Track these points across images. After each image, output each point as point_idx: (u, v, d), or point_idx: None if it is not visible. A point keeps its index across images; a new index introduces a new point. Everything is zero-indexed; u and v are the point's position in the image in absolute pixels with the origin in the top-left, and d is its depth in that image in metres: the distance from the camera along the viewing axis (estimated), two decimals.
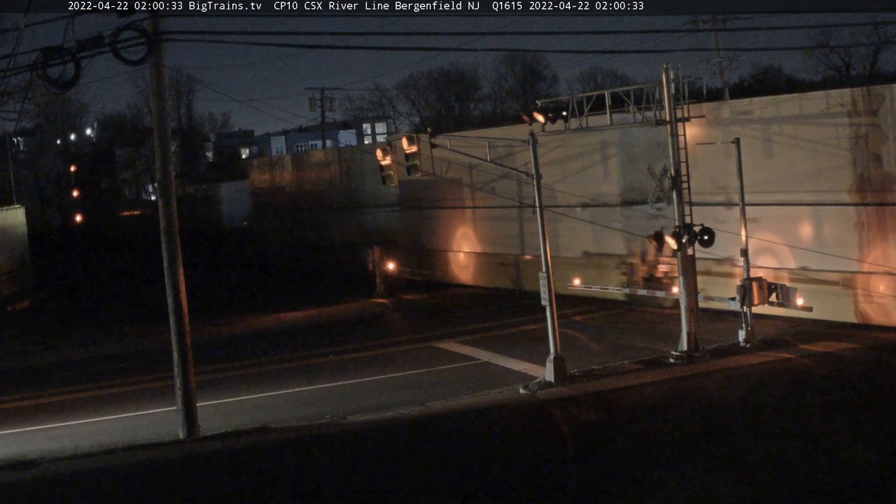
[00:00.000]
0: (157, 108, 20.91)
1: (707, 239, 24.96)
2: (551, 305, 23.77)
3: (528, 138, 24.52)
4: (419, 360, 27.76)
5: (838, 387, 21.83)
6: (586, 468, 17.33)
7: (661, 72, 25.25)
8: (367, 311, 38.18)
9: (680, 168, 25.30)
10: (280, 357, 29.54)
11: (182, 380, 20.69)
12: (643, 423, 19.93)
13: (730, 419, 19.75)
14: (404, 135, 25.96)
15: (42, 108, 66.12)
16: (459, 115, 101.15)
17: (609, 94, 26.79)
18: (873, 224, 27.53)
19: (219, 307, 39.63)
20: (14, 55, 20.23)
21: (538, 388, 23.09)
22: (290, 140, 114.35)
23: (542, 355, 24.06)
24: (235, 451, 19.55)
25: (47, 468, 18.75)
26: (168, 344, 21.08)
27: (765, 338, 26.23)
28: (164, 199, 20.79)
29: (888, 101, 26.85)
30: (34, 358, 32.60)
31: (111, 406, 24.57)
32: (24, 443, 21.38)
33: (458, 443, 19.65)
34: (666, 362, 24.77)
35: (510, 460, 18.13)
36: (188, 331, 20.90)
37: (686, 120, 25.70)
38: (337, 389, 25.06)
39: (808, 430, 18.64)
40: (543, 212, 24.21)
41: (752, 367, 23.81)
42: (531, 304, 30.66)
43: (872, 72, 74.05)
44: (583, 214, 34.22)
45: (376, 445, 19.64)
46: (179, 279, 20.76)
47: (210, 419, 21.37)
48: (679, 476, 16.34)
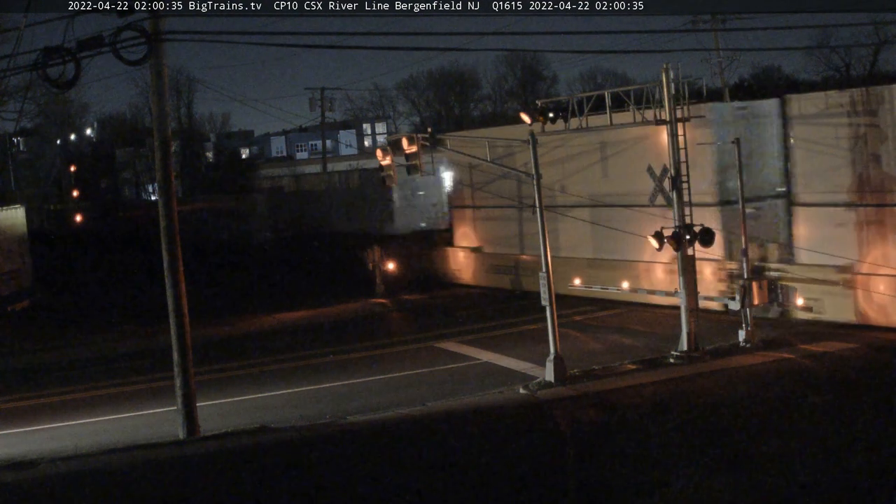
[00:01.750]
0: (157, 108, 20.90)
1: (707, 239, 24.96)
2: (551, 305, 23.77)
3: (529, 139, 24.52)
4: (419, 360, 27.76)
5: (838, 387, 21.85)
6: (586, 468, 17.33)
7: (661, 72, 25.27)
8: (366, 311, 38.18)
9: (680, 168, 25.31)
10: (280, 357, 29.53)
11: (182, 380, 20.68)
12: (643, 423, 19.93)
13: (730, 419, 19.76)
14: (404, 135, 25.95)
15: (42, 108, 66.00)
16: (459, 115, 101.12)
17: (609, 94, 26.81)
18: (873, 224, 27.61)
19: (219, 307, 39.62)
20: (14, 55, 20.24)
21: (538, 388, 23.09)
22: (290, 140, 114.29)
23: (542, 355, 24.05)
24: (235, 451, 19.55)
25: (47, 468, 18.74)
26: (168, 344, 21.08)
27: (765, 338, 26.23)
28: (164, 199, 20.77)
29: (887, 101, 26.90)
30: (34, 358, 32.59)
31: (111, 406, 24.56)
32: (24, 443, 21.37)
33: (458, 443, 19.65)
34: (666, 362, 24.76)
35: (510, 460, 18.13)
36: (188, 331, 20.88)
37: (686, 120, 25.71)
38: (337, 389, 25.06)
39: (809, 430, 18.65)
40: (542, 211, 24.24)
41: (753, 368, 23.81)
42: (531, 304, 30.65)
43: (872, 72, 73.98)
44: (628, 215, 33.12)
45: (376, 446, 19.64)
46: (179, 279, 20.76)
47: (210, 419, 21.37)
48: (679, 476, 16.35)
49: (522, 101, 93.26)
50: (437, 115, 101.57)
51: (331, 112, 72.80)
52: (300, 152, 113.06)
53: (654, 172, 25.70)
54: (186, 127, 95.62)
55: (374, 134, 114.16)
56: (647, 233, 25.35)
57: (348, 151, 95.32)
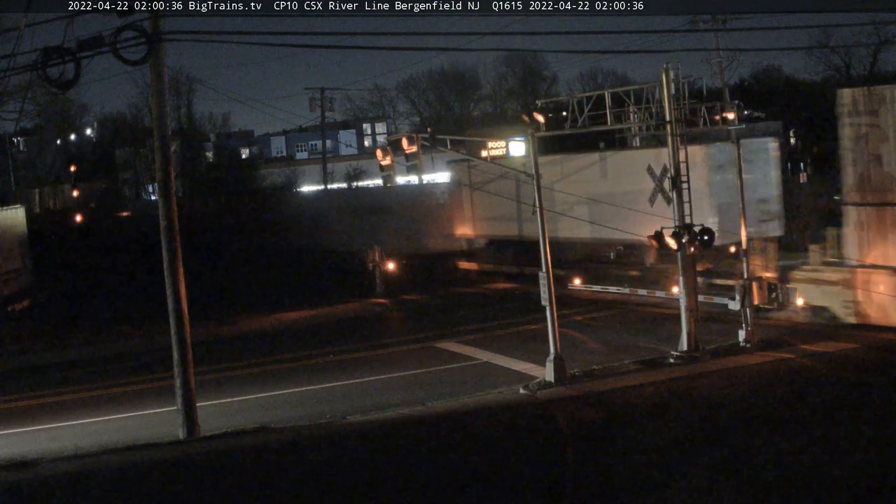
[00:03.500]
0: (157, 108, 20.90)
1: (707, 239, 24.95)
2: (551, 305, 23.77)
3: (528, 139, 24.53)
4: (419, 361, 27.75)
5: (838, 387, 21.85)
6: (586, 468, 17.33)
7: (661, 72, 25.27)
8: (366, 311, 38.16)
9: (679, 168, 25.30)
10: (280, 357, 29.52)
11: (182, 380, 20.68)
12: (643, 422, 19.93)
13: (730, 419, 19.76)
14: (404, 135, 25.98)
15: (42, 108, 66.03)
16: (459, 115, 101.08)
17: (609, 95, 26.83)
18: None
19: (219, 307, 39.59)
20: (14, 55, 20.22)
21: (538, 388, 23.09)
22: (290, 140, 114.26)
23: (543, 355, 24.06)
24: (235, 451, 19.55)
25: (47, 468, 18.75)
26: (168, 344, 21.08)
27: (765, 338, 26.23)
28: (164, 199, 20.77)
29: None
30: (34, 358, 32.57)
31: (111, 406, 24.56)
32: (24, 443, 21.38)
33: (458, 443, 19.65)
34: (666, 362, 24.77)
35: (510, 460, 18.13)
36: (188, 331, 20.89)
37: (685, 120, 25.72)
38: (337, 389, 25.06)
39: (809, 429, 18.64)
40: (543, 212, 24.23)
41: (753, 367, 23.82)
42: (531, 304, 30.64)
43: (872, 72, 73.93)
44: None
45: (376, 445, 19.64)
46: (179, 279, 20.76)
47: (210, 419, 21.37)
48: (679, 476, 16.34)
49: (522, 100, 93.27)
50: (437, 115, 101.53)
51: (331, 112, 72.85)
52: (300, 152, 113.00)
53: (654, 172, 25.74)
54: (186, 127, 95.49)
55: (374, 134, 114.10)
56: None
57: (348, 151, 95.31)
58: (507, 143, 48.23)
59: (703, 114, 28.86)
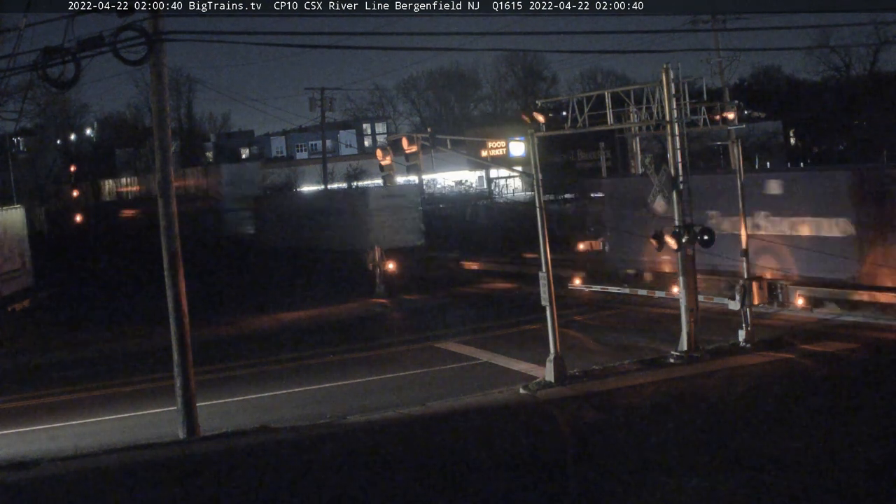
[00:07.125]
0: (157, 108, 20.88)
1: (707, 239, 24.95)
2: (551, 305, 23.76)
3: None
4: (419, 360, 27.74)
5: (838, 387, 21.85)
6: (586, 468, 17.33)
7: (661, 72, 25.26)
8: (367, 311, 38.17)
9: (679, 168, 25.29)
10: (280, 357, 29.51)
11: (182, 380, 20.67)
12: (643, 423, 19.94)
13: (730, 419, 19.76)
14: (404, 135, 25.98)
15: (42, 108, 66.07)
16: (459, 114, 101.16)
17: (609, 95, 26.79)
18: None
19: (219, 307, 39.61)
20: (14, 55, 20.23)
21: (538, 389, 23.08)
22: (290, 140, 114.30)
23: (543, 355, 24.05)
24: (235, 451, 19.54)
25: (47, 468, 18.73)
26: (168, 344, 21.07)
27: (765, 338, 26.23)
28: (164, 199, 20.76)
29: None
30: (34, 358, 32.57)
31: (111, 406, 24.55)
32: (24, 443, 21.36)
33: (458, 443, 19.65)
34: (666, 362, 24.76)
35: (510, 460, 18.13)
36: (188, 331, 20.87)
37: (685, 120, 25.70)
38: (337, 389, 25.05)
39: (809, 430, 18.64)
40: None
41: (753, 368, 23.81)
42: (531, 303, 30.64)
43: (872, 72, 73.98)
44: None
45: (376, 445, 19.63)
46: (179, 279, 20.75)
47: (210, 419, 21.36)
48: (679, 476, 16.35)
49: (522, 100, 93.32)
50: (437, 115, 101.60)
51: (331, 112, 72.84)
52: (300, 152, 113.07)
53: (654, 172, 25.72)
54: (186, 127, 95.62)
55: (374, 134, 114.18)
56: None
57: (348, 151, 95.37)
58: (506, 143, 48.20)
59: (703, 114, 28.82)
